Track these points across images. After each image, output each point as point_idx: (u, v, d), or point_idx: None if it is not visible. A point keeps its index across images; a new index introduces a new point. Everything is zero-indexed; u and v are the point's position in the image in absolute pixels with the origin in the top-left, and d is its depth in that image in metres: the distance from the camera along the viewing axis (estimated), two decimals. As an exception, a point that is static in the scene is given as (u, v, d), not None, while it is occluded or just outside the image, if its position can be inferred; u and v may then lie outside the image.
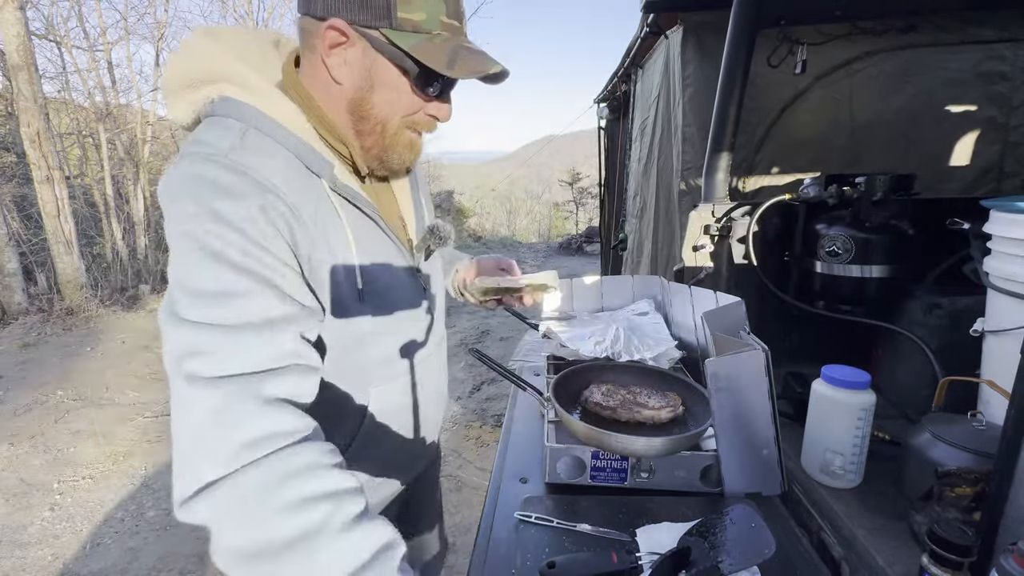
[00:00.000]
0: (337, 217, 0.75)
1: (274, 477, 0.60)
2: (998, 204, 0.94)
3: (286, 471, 0.60)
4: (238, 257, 0.63)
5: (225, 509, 0.59)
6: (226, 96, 0.72)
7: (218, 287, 0.62)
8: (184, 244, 0.63)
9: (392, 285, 0.85)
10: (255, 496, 0.59)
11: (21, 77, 5.35)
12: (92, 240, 7.54)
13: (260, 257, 0.65)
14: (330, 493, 0.61)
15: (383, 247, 0.83)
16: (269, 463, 0.60)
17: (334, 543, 0.59)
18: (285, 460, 0.61)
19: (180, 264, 0.63)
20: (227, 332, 0.62)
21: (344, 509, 0.61)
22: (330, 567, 0.58)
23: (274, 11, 10.62)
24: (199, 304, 0.62)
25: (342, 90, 0.74)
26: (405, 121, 0.78)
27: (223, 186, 0.64)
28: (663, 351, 1.25)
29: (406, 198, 0.94)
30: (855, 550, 0.84)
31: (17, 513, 2.67)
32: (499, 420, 3.52)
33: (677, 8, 2.20)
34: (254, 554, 0.57)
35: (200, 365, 0.60)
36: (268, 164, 0.69)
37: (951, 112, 2.22)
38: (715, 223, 1.57)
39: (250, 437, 0.60)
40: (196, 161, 0.66)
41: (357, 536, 0.60)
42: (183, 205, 0.64)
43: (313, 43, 0.72)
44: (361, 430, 0.88)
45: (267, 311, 0.65)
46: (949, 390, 1.01)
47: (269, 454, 0.60)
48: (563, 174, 17.39)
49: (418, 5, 0.69)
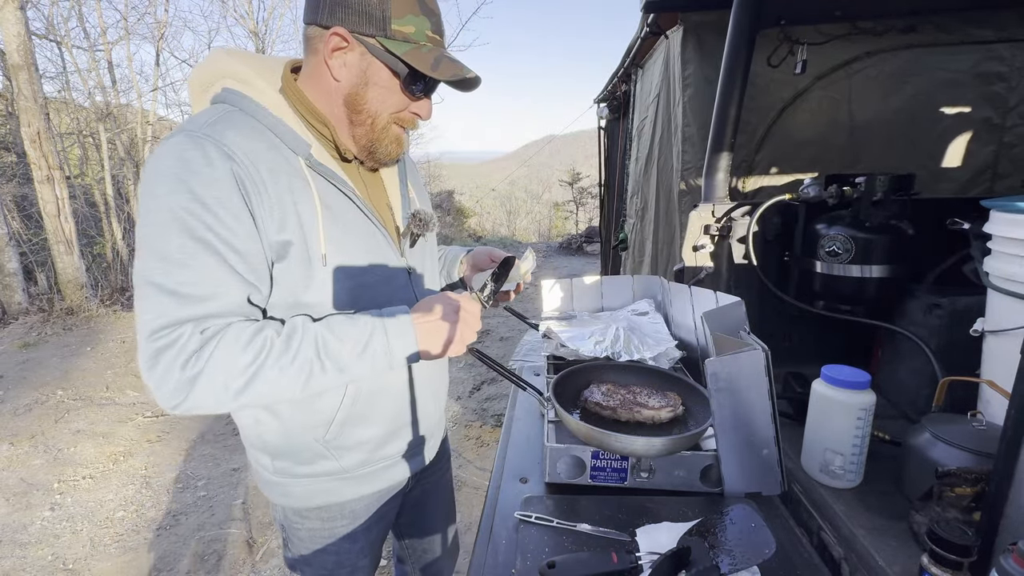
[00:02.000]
0: (308, 190, 0.84)
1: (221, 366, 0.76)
2: (998, 204, 0.94)
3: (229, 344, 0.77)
4: (204, 233, 0.75)
5: (203, 395, 0.76)
6: (226, 87, 0.87)
7: (182, 256, 0.74)
8: (161, 216, 0.74)
9: (368, 262, 0.91)
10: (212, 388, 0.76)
11: (21, 77, 5.35)
12: (92, 240, 7.54)
13: (222, 234, 0.76)
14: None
15: (357, 221, 0.90)
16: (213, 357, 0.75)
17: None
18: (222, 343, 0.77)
19: (155, 231, 0.75)
20: (181, 298, 0.75)
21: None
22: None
23: (274, 11, 10.63)
24: (164, 268, 0.74)
25: (339, 87, 0.86)
26: (393, 117, 0.89)
27: (198, 163, 0.75)
28: (663, 351, 1.25)
29: (394, 189, 1.02)
30: (855, 550, 0.84)
31: (17, 513, 2.67)
32: (499, 420, 3.52)
33: (677, 8, 2.20)
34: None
35: (158, 320, 0.75)
36: (239, 137, 0.79)
37: (948, 112, 2.22)
38: (715, 223, 1.57)
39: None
40: (179, 137, 0.77)
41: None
42: (163, 181, 0.75)
43: (317, 47, 0.84)
44: (342, 404, 0.93)
45: (219, 283, 0.77)
46: (949, 390, 1.01)
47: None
48: (563, 174, 17.39)
49: (409, 20, 0.82)
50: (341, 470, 0.97)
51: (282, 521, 1.04)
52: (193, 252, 0.75)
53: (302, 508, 1.00)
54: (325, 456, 0.95)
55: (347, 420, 0.94)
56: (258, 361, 0.77)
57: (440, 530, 1.27)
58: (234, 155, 0.77)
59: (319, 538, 1.02)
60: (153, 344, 0.74)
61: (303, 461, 0.96)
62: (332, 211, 0.86)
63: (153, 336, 0.74)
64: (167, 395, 0.75)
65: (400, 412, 1.02)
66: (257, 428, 0.94)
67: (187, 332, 0.75)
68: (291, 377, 0.79)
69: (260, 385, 0.78)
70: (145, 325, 0.75)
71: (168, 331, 0.74)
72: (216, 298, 0.77)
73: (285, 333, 0.80)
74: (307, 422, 0.93)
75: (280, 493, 0.99)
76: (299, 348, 0.80)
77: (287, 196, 0.82)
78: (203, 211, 0.75)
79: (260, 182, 0.79)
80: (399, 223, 1.00)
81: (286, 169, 0.82)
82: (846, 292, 1.34)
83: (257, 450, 0.98)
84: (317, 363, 0.80)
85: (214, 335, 0.76)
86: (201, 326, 0.76)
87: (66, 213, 5.80)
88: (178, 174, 0.74)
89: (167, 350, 0.74)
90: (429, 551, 1.27)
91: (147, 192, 0.76)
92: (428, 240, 1.07)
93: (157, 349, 0.74)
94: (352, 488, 1.00)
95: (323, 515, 1.00)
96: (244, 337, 0.77)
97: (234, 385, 0.77)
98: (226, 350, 0.76)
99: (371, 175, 0.99)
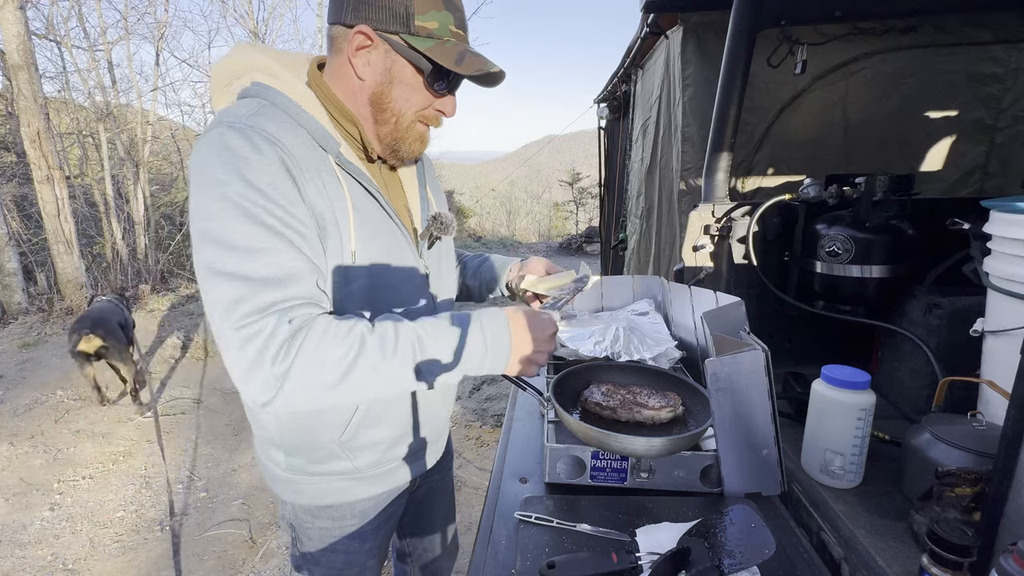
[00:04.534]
0: (340, 188, 0.84)
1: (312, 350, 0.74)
2: (998, 204, 0.94)
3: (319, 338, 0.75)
4: (267, 218, 0.74)
5: (295, 390, 0.74)
6: (255, 81, 0.86)
7: (250, 243, 0.73)
8: (220, 206, 0.73)
9: (389, 262, 0.91)
10: (309, 372, 0.74)
11: (21, 77, 5.35)
12: (92, 240, 7.54)
13: (285, 219, 0.75)
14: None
15: (382, 222, 0.90)
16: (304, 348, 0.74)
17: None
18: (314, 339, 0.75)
19: (217, 223, 0.73)
20: (257, 283, 0.73)
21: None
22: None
23: (274, 11, 10.64)
24: (235, 258, 0.72)
25: (364, 85, 0.86)
26: (417, 115, 0.89)
27: (246, 150, 0.74)
28: (663, 351, 1.25)
29: (413, 191, 1.01)
30: (855, 550, 0.84)
31: (17, 513, 2.67)
32: (499, 420, 3.53)
33: (677, 8, 2.21)
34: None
35: (241, 310, 0.72)
36: (279, 130, 0.79)
37: (941, 113, 2.23)
38: (715, 223, 1.57)
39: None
40: (220, 128, 0.76)
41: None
42: (214, 171, 0.74)
43: (341, 46, 0.84)
44: (360, 406, 0.93)
45: (292, 266, 0.75)
46: (949, 390, 1.01)
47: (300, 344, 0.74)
48: (563, 174, 17.39)
49: (432, 16, 0.81)
50: (354, 470, 0.97)
51: (291, 520, 1.03)
52: (261, 238, 0.73)
53: (313, 506, 1.00)
54: (339, 456, 0.96)
55: (363, 422, 0.94)
56: (350, 356, 0.75)
57: (441, 529, 1.27)
58: (279, 142, 0.77)
59: (329, 537, 1.02)
60: (239, 333, 0.71)
61: (317, 460, 0.96)
62: (360, 211, 0.86)
63: (239, 323, 0.71)
64: (256, 391, 0.73)
65: (412, 414, 1.02)
66: (276, 423, 0.95)
67: (273, 322, 0.72)
68: (385, 378, 0.78)
69: (352, 382, 0.76)
70: (227, 314, 0.72)
71: (253, 318, 0.72)
72: (293, 281, 0.75)
73: (379, 330, 0.79)
74: (326, 422, 0.93)
75: (291, 491, 0.99)
76: (396, 347, 0.79)
77: (324, 190, 0.82)
78: (260, 197, 0.74)
79: (303, 170, 0.79)
80: (416, 224, 1.00)
81: (320, 166, 0.82)
82: (846, 292, 1.34)
83: (271, 446, 0.98)
84: (409, 375, 0.80)
85: (302, 326, 0.74)
86: (287, 315, 0.74)
87: (66, 213, 5.79)
88: (228, 163, 0.73)
89: (254, 339, 0.71)
90: (430, 550, 1.27)
91: (199, 186, 0.74)
92: (445, 242, 1.07)
93: (243, 338, 0.71)
94: (363, 487, 1.00)
95: (334, 514, 1.00)
96: (334, 330, 0.76)
97: (328, 378, 0.75)
98: (316, 342, 0.74)
99: (391, 175, 0.99)
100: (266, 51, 0.89)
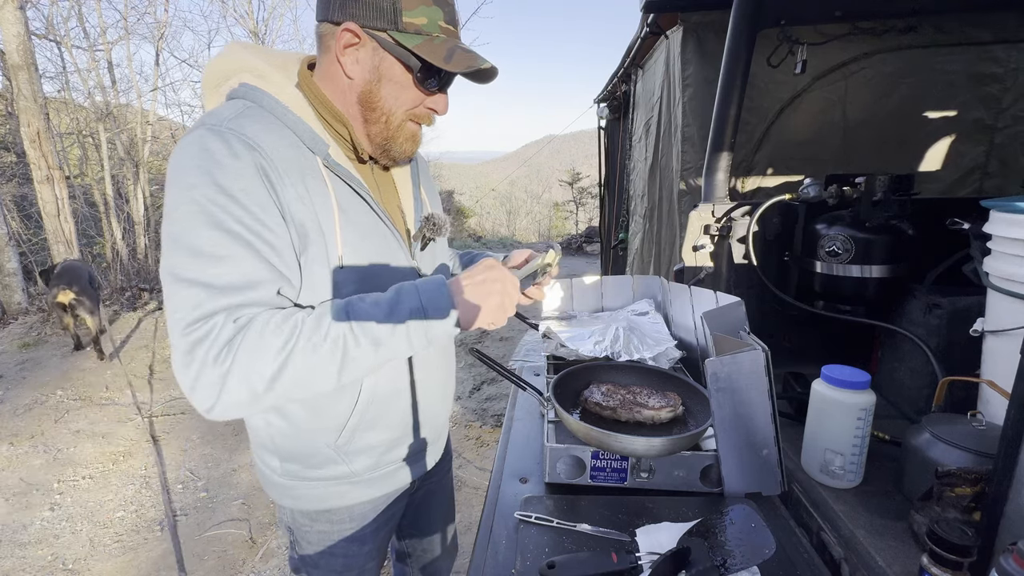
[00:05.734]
0: (326, 190, 0.82)
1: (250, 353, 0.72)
2: (998, 204, 0.94)
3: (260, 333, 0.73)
4: (234, 225, 0.73)
5: (238, 388, 0.72)
6: (243, 82, 0.85)
7: (214, 250, 0.72)
8: (188, 209, 0.72)
9: (381, 264, 0.90)
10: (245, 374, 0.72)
11: (21, 77, 5.35)
12: (92, 240, 7.54)
13: (252, 226, 0.74)
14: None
15: (372, 224, 0.89)
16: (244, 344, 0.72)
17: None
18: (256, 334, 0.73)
19: (183, 226, 0.72)
20: (216, 290, 0.72)
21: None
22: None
23: (274, 11, 10.64)
24: (197, 264, 0.71)
25: (353, 84, 0.84)
26: (408, 114, 0.87)
27: (222, 154, 0.73)
28: (663, 351, 1.25)
29: (407, 191, 1.00)
30: (855, 550, 0.84)
31: (17, 513, 2.67)
32: (499, 420, 3.52)
33: (677, 8, 2.21)
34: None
35: (192, 313, 0.71)
36: (262, 133, 0.77)
37: (941, 113, 2.23)
38: (715, 223, 1.57)
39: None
40: (200, 131, 0.75)
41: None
42: (188, 174, 0.73)
43: (329, 44, 0.82)
44: (355, 410, 0.92)
45: (253, 274, 0.74)
46: (949, 390, 1.01)
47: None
48: (563, 174, 17.39)
49: (420, 11, 0.79)
50: (351, 474, 0.96)
51: (289, 523, 1.03)
52: (224, 244, 0.72)
53: (311, 511, 0.99)
54: (335, 461, 0.95)
55: (359, 425, 0.93)
56: (290, 343, 0.72)
57: (440, 530, 1.27)
58: (258, 147, 0.76)
59: (328, 541, 1.01)
60: (187, 338, 0.70)
61: (313, 465, 0.95)
62: (348, 213, 0.85)
63: (187, 330, 0.70)
64: (202, 397, 0.72)
65: (410, 416, 1.01)
66: (268, 430, 0.93)
67: (220, 321, 0.71)
68: (325, 356, 0.74)
69: (293, 370, 0.73)
70: (178, 321, 0.71)
71: (202, 323, 0.71)
72: (251, 288, 0.74)
73: (316, 312, 0.77)
74: (319, 426, 0.92)
75: (288, 496, 0.98)
76: (330, 324, 0.75)
77: (307, 195, 0.80)
78: (231, 203, 0.72)
79: (283, 175, 0.77)
80: (410, 225, 0.98)
81: (305, 168, 0.81)
82: (846, 292, 1.34)
83: (266, 451, 0.97)
84: (351, 337, 0.76)
85: (245, 324, 0.72)
86: (234, 315, 0.72)
87: (66, 213, 5.80)
88: (202, 167, 0.72)
89: (201, 343, 0.70)
90: (429, 550, 1.27)
91: (173, 187, 0.73)
92: (438, 243, 1.05)
93: (191, 343, 0.70)
94: (360, 491, 0.99)
95: (331, 518, 1.00)
96: (274, 321, 0.73)
97: (267, 372, 0.72)
98: (256, 335, 0.72)
99: (383, 176, 0.97)
100: (257, 51, 0.87)
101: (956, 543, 0.63)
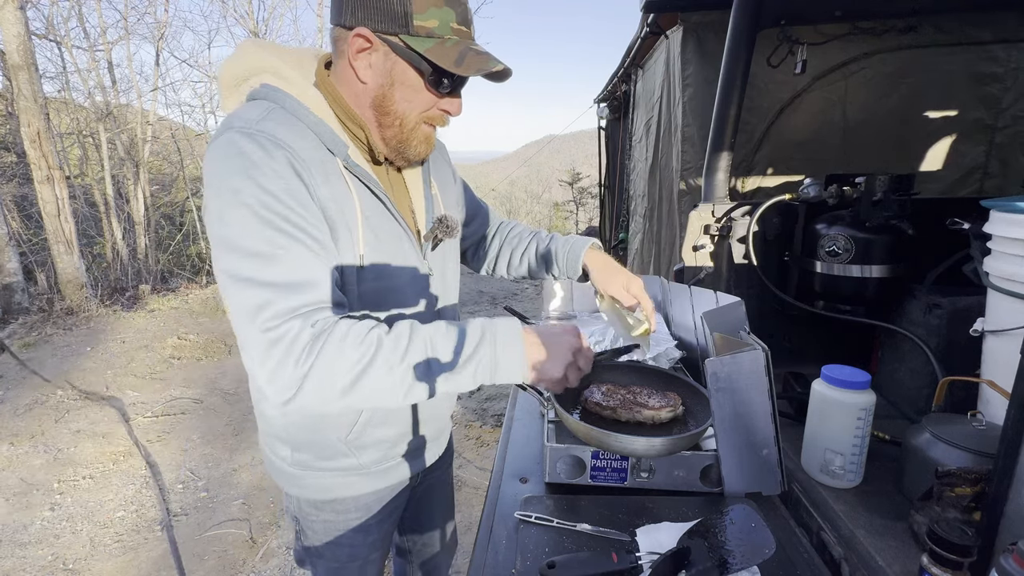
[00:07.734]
0: (348, 191, 0.84)
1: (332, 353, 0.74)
2: (998, 204, 0.94)
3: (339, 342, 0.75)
4: (284, 224, 0.75)
5: (313, 390, 0.75)
6: (264, 83, 0.85)
7: (268, 249, 0.74)
8: (239, 213, 0.74)
9: (395, 264, 0.91)
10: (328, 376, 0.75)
11: (21, 77, 5.35)
12: (92, 240, 7.54)
13: (300, 223, 0.76)
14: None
15: (388, 225, 0.90)
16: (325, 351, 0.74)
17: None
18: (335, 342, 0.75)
19: (236, 230, 0.74)
20: (279, 288, 0.74)
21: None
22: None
23: (274, 11, 10.64)
24: (254, 264, 0.73)
25: (366, 89, 0.85)
26: (422, 117, 0.87)
27: (258, 156, 0.75)
28: (663, 351, 1.25)
29: (418, 191, 1.01)
30: (855, 550, 0.84)
31: (17, 513, 2.67)
32: (499, 420, 3.52)
33: (677, 8, 2.21)
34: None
35: (266, 314, 0.73)
36: (288, 135, 0.79)
37: (941, 113, 2.23)
38: (715, 223, 1.57)
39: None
40: (230, 134, 0.76)
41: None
42: (230, 179, 0.74)
43: (342, 49, 0.83)
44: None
45: (310, 271, 0.76)
46: (949, 390, 1.01)
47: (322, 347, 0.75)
48: (563, 174, 17.39)
49: (432, 14, 0.79)
50: (359, 466, 0.99)
51: (295, 512, 1.05)
52: (280, 244, 0.74)
53: (317, 500, 1.01)
54: (345, 453, 0.97)
55: (371, 421, 0.96)
56: (366, 358, 0.75)
57: (440, 526, 1.29)
58: (288, 146, 0.77)
59: (334, 530, 1.03)
60: (266, 336, 0.73)
61: (324, 456, 0.97)
62: (368, 214, 0.86)
63: (264, 327, 0.73)
64: (279, 389, 0.74)
65: (417, 411, 1.04)
66: (283, 420, 0.96)
67: (297, 326, 0.73)
68: (397, 379, 0.77)
69: (365, 386, 0.76)
70: (252, 317, 0.73)
71: (278, 322, 0.73)
72: (312, 285, 0.76)
73: (394, 332, 0.78)
74: (334, 421, 0.94)
75: (296, 485, 1.01)
76: (407, 348, 0.77)
77: (333, 195, 0.82)
78: (275, 202, 0.74)
79: (314, 174, 0.79)
80: (420, 226, 0.99)
81: (328, 169, 0.82)
82: (846, 292, 1.34)
83: (278, 441, 0.99)
84: (425, 368, 0.78)
85: (324, 330, 0.75)
86: (310, 319, 0.74)
87: (66, 213, 5.79)
88: (241, 169, 0.74)
89: (278, 343, 0.73)
90: (429, 545, 1.28)
91: (215, 192, 0.75)
92: (449, 243, 1.06)
93: (270, 341, 0.72)
94: (367, 482, 1.01)
95: (338, 507, 1.02)
96: (353, 332, 0.75)
97: (341, 383, 0.75)
98: (335, 346, 0.74)
99: (395, 176, 0.98)
100: (272, 50, 0.88)
101: (956, 543, 0.63)
